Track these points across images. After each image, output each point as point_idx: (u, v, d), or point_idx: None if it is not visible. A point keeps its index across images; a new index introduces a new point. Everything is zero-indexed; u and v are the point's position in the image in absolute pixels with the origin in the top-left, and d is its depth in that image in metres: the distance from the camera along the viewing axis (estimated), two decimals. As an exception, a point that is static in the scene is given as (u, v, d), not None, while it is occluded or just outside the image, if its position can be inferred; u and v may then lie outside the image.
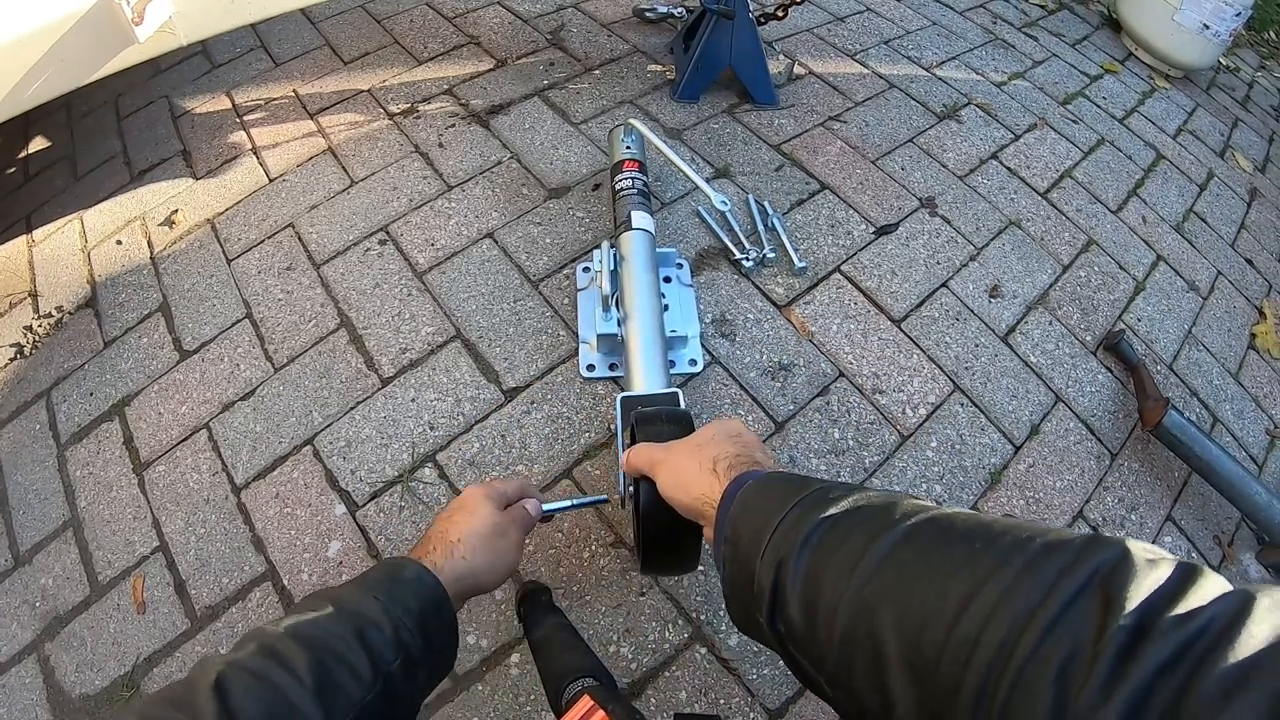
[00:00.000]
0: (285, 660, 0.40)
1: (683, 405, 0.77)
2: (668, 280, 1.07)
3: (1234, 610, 0.23)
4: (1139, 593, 0.25)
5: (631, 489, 0.65)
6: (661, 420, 0.64)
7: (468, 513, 0.59)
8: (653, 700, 0.77)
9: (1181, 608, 0.24)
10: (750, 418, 0.97)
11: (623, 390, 0.95)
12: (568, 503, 0.72)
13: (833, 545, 0.37)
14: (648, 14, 1.60)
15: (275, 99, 1.43)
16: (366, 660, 0.43)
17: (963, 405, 1.03)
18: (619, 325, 0.94)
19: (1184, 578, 0.26)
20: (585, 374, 1.00)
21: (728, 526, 0.45)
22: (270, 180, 1.27)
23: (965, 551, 0.31)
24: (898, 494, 0.40)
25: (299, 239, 1.17)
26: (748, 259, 1.12)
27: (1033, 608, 0.26)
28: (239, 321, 1.08)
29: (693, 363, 1.01)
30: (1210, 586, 0.25)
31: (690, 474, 0.52)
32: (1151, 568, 0.26)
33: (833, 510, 0.38)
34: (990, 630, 0.27)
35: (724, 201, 0.98)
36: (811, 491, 0.41)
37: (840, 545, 0.36)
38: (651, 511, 0.57)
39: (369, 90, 1.42)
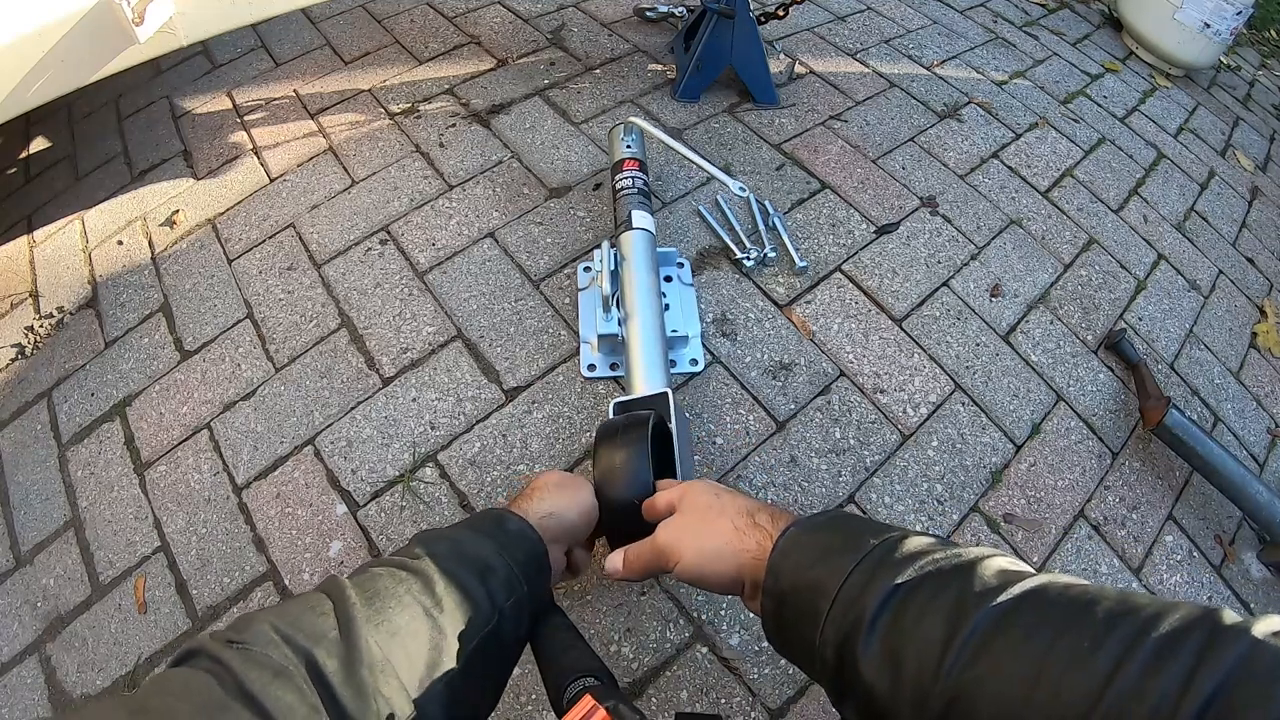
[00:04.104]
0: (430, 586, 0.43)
1: (672, 405, 0.77)
2: (668, 280, 1.07)
3: None
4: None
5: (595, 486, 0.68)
6: (617, 430, 0.67)
7: (538, 476, 0.65)
8: (654, 700, 0.77)
9: None
10: (751, 417, 0.97)
11: (623, 390, 0.95)
12: None
13: (912, 624, 0.34)
14: (648, 13, 1.60)
15: (276, 99, 1.43)
16: (485, 595, 0.45)
17: (964, 404, 1.03)
18: (620, 325, 0.94)
19: None
20: (586, 374, 1.00)
21: (767, 577, 0.43)
22: (271, 180, 1.27)
23: (1073, 638, 0.30)
24: (964, 550, 0.37)
25: (300, 239, 1.17)
26: (749, 258, 1.12)
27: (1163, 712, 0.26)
28: (240, 321, 1.08)
29: (694, 362, 1.01)
30: None
31: (724, 538, 0.48)
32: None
33: (901, 578, 0.36)
34: None
35: (742, 188, 0.96)
36: (869, 551, 0.38)
37: (920, 623, 0.34)
38: (611, 504, 0.64)
39: (370, 90, 1.42)
